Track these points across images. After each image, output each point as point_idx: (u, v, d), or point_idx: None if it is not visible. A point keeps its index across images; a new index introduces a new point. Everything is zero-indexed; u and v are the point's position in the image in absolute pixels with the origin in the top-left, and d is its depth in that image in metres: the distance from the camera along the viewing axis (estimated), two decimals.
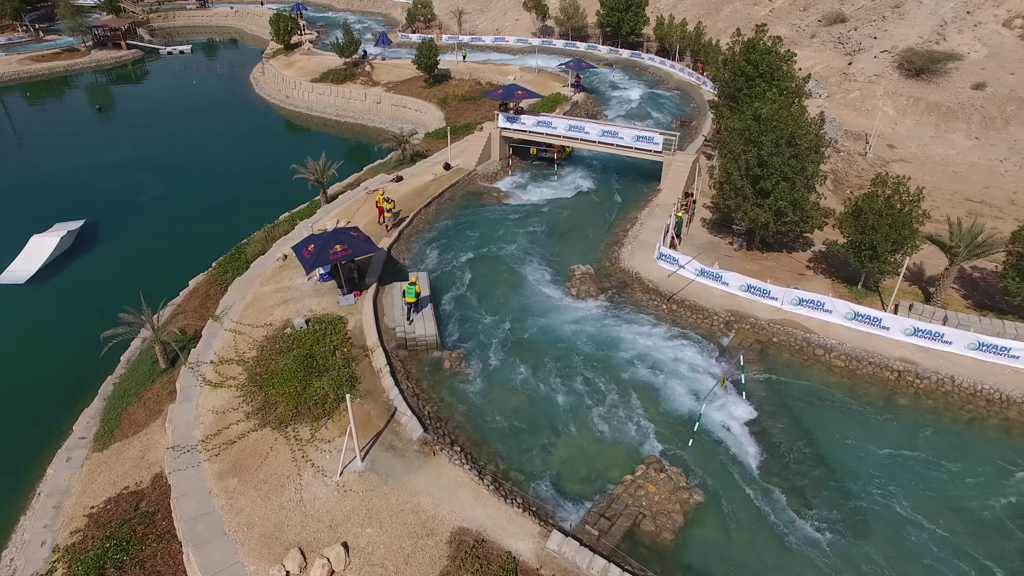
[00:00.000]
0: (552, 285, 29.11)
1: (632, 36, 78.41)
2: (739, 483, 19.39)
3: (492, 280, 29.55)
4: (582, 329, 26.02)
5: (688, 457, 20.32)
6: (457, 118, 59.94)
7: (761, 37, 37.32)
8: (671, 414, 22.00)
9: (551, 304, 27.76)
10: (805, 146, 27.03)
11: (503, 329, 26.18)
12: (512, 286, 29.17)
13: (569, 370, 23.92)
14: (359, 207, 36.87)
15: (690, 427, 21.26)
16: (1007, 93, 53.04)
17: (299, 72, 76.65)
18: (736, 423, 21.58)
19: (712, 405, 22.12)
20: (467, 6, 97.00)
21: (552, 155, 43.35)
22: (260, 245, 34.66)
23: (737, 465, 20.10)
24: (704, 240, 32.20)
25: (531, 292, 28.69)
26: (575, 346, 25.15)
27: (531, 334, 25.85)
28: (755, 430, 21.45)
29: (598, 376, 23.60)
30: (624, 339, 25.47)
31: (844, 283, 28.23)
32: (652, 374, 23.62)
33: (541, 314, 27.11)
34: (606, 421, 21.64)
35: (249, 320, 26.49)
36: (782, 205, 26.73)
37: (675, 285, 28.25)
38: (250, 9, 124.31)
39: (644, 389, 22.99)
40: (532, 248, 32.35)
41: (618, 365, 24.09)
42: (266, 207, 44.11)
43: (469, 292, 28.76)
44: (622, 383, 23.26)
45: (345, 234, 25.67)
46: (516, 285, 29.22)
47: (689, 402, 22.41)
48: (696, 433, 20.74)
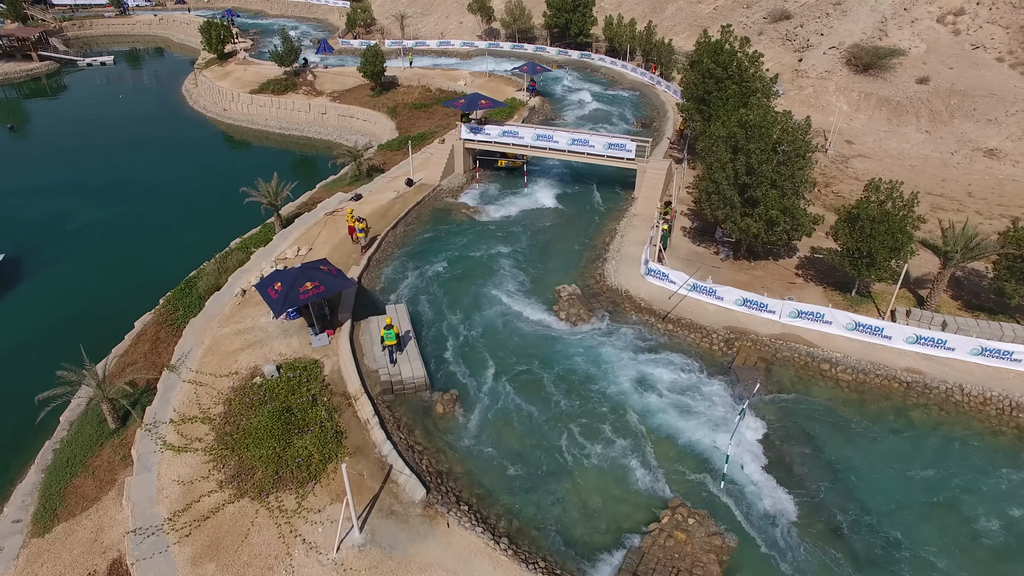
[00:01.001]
0: (539, 309, 27.37)
1: (580, 37, 77.50)
2: (768, 521, 18.16)
3: (475, 307, 27.60)
4: (578, 358, 24.39)
5: (711, 496, 18.96)
6: (410, 127, 57.61)
7: (727, 38, 36.61)
8: (685, 449, 20.64)
9: (542, 332, 26.02)
10: (794, 152, 26.21)
11: (494, 363, 24.28)
12: (497, 312, 27.29)
13: (571, 406, 22.26)
14: (320, 231, 34.25)
15: (707, 462, 20.01)
16: (949, 87, 54.40)
17: (236, 83, 72.54)
18: (752, 452, 20.38)
19: (724, 432, 20.86)
20: (408, 9, 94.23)
21: (523, 163, 41.65)
22: (213, 278, 31.68)
23: (762, 500, 18.88)
24: (688, 251, 31.12)
25: (518, 318, 26.87)
26: (574, 378, 23.49)
27: (525, 366, 24.06)
28: (772, 458, 20.32)
29: (602, 410, 22.03)
30: (623, 367, 23.96)
31: (837, 290, 27.60)
32: (659, 405, 22.19)
33: (533, 343, 25.34)
34: (618, 461, 20.09)
35: (211, 368, 23.77)
36: (773, 214, 25.80)
37: (668, 302, 26.99)
38: (176, 16, 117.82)
39: (653, 423, 21.54)
40: (511, 268, 30.54)
41: (622, 397, 22.56)
42: (214, 232, 40.90)
43: (452, 321, 26.73)
44: (629, 417, 21.75)
45: (314, 269, 23.28)
46: (501, 311, 27.35)
47: (702, 434, 21.09)
48: (725, 474, 19.31)
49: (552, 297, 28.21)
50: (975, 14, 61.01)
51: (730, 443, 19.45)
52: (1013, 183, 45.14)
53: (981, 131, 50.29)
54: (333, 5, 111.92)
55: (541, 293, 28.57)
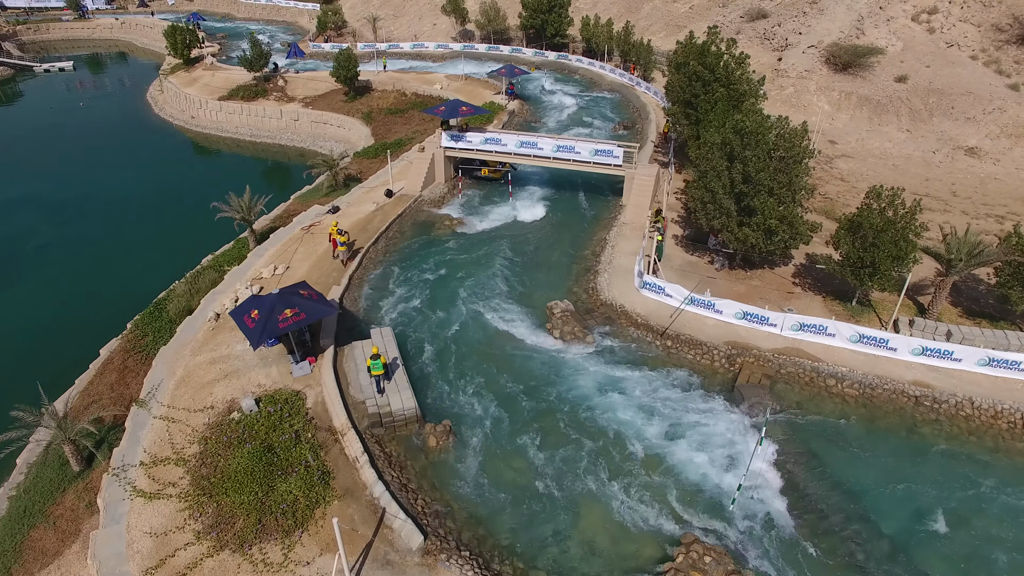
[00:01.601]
0: (531, 328, 26.14)
1: (557, 38, 76.47)
2: (787, 556, 17.18)
3: (465, 327, 26.27)
4: (575, 381, 23.20)
5: (724, 529, 17.93)
6: (386, 134, 56.00)
7: (713, 40, 35.79)
8: (694, 479, 19.58)
9: (535, 352, 24.77)
10: (791, 159, 25.38)
11: (488, 388, 22.98)
12: (487, 332, 26.00)
13: (571, 434, 21.04)
14: (296, 247, 32.61)
15: (718, 492, 19.00)
16: (927, 85, 54.43)
17: (204, 89, 70.17)
18: (763, 477, 19.43)
19: (733, 459, 19.89)
20: (380, 11, 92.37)
21: (506, 172, 40.30)
22: (184, 300, 29.90)
23: (778, 531, 17.91)
24: (681, 260, 30.16)
25: (510, 339, 25.59)
26: (572, 404, 22.27)
27: (521, 392, 22.78)
28: (785, 483, 19.40)
29: (604, 439, 20.83)
30: (623, 389, 22.81)
31: (836, 299, 26.84)
32: (663, 431, 21.07)
33: (527, 366, 24.07)
34: (624, 494, 18.97)
35: (184, 403, 22.13)
36: (772, 223, 24.93)
37: (665, 317, 25.97)
38: (139, 20, 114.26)
39: (658, 451, 20.41)
40: (500, 283, 29.26)
41: (624, 423, 21.39)
42: (184, 249, 38.98)
43: (441, 344, 25.36)
44: (632, 446, 20.61)
45: (293, 294, 21.77)
46: (492, 331, 26.05)
47: (710, 462, 20.05)
48: (735, 499, 18.32)
49: (544, 314, 27.01)
50: (948, 12, 61.32)
51: (745, 474, 18.43)
52: (995, 181, 45.16)
53: (960, 129, 50.33)
54: (303, 7, 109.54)
55: (533, 310, 27.35)
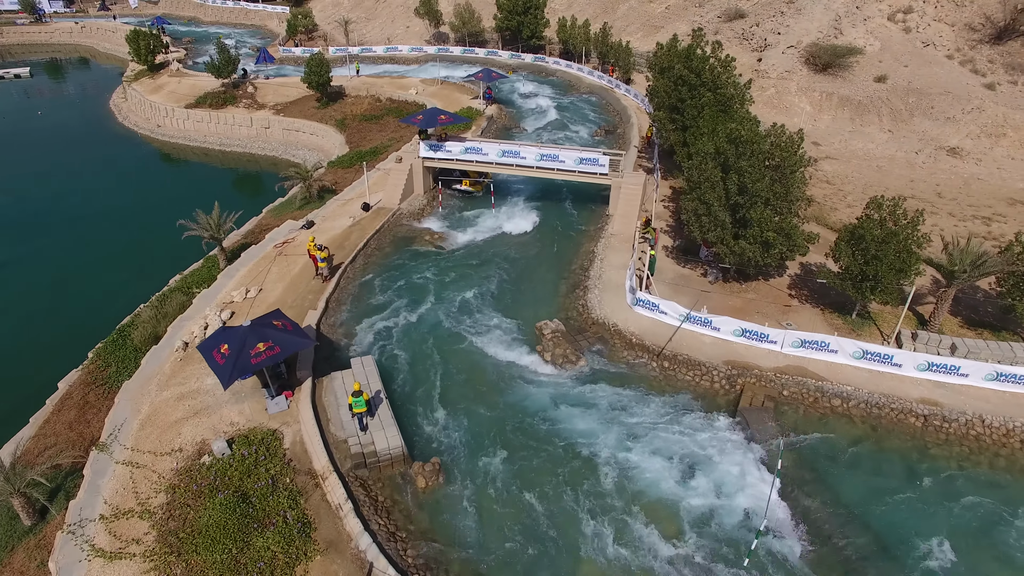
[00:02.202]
0: (521, 350, 24.80)
1: (533, 39, 75.26)
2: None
3: (450, 352, 24.84)
4: (570, 412, 21.84)
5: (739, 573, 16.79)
6: (361, 141, 54.32)
7: (698, 43, 34.82)
8: (704, 520, 18.34)
9: (526, 378, 23.43)
10: (788, 168, 24.42)
11: (478, 420, 21.58)
12: (475, 357, 24.59)
13: (568, 472, 19.68)
14: (269, 266, 30.89)
15: (730, 534, 17.84)
16: (906, 85, 54.26)
17: (170, 97, 67.69)
18: (772, 510, 18.30)
19: (743, 493, 18.78)
20: (352, 14, 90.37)
21: (487, 183, 38.89)
22: (150, 326, 28.08)
23: (791, 569, 16.80)
24: (674, 273, 29.07)
25: (499, 363, 24.22)
26: (567, 436, 20.90)
27: (513, 424, 21.39)
28: (797, 517, 18.35)
29: (605, 477, 19.45)
30: (620, 418, 21.50)
31: (835, 312, 25.94)
32: (664, 468, 19.67)
33: (518, 395, 22.68)
34: (629, 540, 17.70)
35: (149, 445, 20.42)
36: (769, 236, 23.92)
37: (660, 335, 24.84)
38: (101, 24, 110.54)
39: (661, 491, 19.05)
40: (486, 301, 27.89)
41: (624, 458, 19.99)
42: (150, 268, 37.08)
43: (426, 372, 23.88)
44: (632, 483, 19.27)
45: (266, 326, 20.17)
46: (480, 355, 24.66)
47: (717, 500, 18.82)
48: (752, 551, 17.13)
49: (534, 334, 25.71)
50: (923, 12, 61.37)
51: (764, 522, 17.24)
52: (978, 182, 44.94)
53: (941, 129, 50.14)
54: (272, 11, 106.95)
55: (521, 330, 26.02)
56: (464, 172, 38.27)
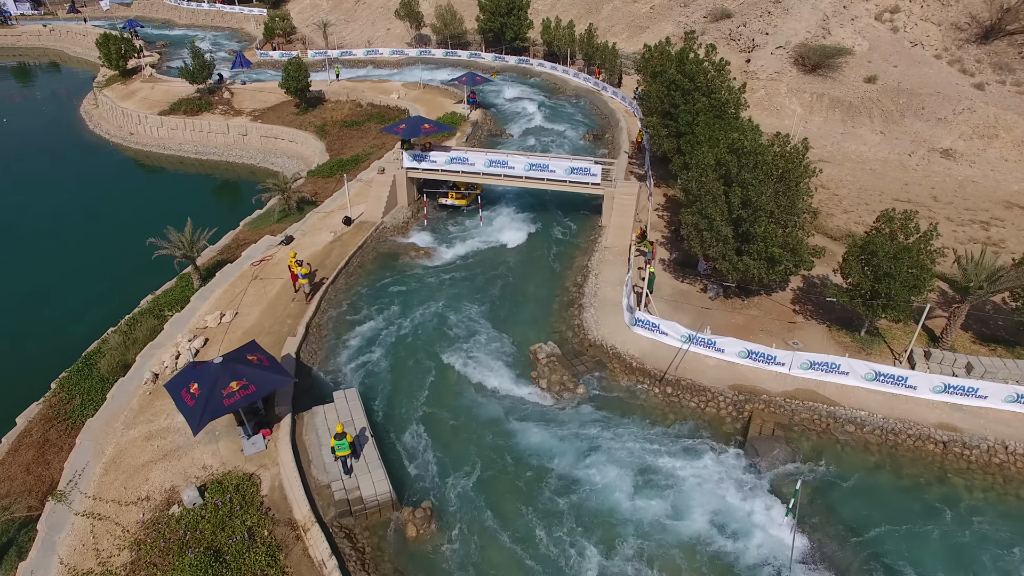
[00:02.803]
0: (515, 377, 23.34)
1: (517, 41, 73.75)
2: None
3: (440, 381, 23.31)
4: (569, 446, 20.38)
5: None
6: (342, 149, 52.50)
7: (691, 46, 33.57)
8: (722, 569, 16.99)
9: (522, 410, 21.95)
10: (793, 179, 23.20)
11: (470, 458, 20.08)
12: (466, 386, 23.10)
13: (572, 515, 18.28)
14: (245, 286, 29.15)
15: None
16: (896, 85, 53.55)
17: (143, 103, 65.38)
18: (788, 552, 17.04)
19: (758, 535, 17.48)
20: (331, 16, 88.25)
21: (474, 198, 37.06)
22: (119, 354, 26.29)
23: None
24: (672, 289, 27.77)
25: (492, 393, 22.73)
26: (568, 473, 19.52)
27: (509, 462, 19.93)
28: (811, 553, 17.08)
29: (607, 522, 18.09)
30: (623, 453, 20.09)
31: (843, 329, 24.78)
32: (673, 509, 18.30)
33: (513, 428, 21.18)
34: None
35: (113, 493, 18.74)
36: (775, 251, 22.68)
37: (661, 358, 23.52)
38: (71, 27, 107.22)
39: (670, 536, 17.73)
40: (476, 322, 26.39)
41: (627, 500, 18.63)
42: (121, 287, 35.23)
43: (414, 405, 22.32)
44: (639, 527, 17.91)
45: (240, 362, 18.54)
46: (471, 384, 23.16)
47: (732, 546, 17.47)
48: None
49: (528, 359, 24.27)
50: (909, 11, 60.86)
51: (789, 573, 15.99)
52: (973, 184, 44.21)
53: (933, 131, 49.41)
54: (248, 13, 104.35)
55: (515, 355, 24.57)
56: (450, 183, 36.68)
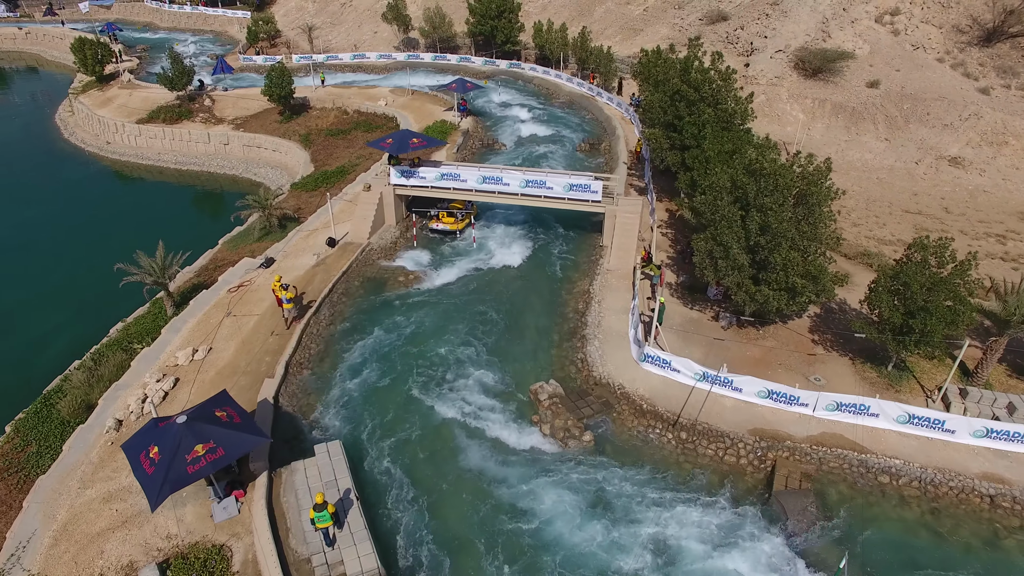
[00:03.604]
0: (515, 422, 21.30)
1: (508, 45, 71.72)
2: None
3: (432, 428, 21.22)
4: (577, 505, 18.39)
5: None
6: (327, 159, 50.26)
7: (696, 53, 31.68)
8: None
9: (525, 461, 19.89)
10: (814, 202, 21.32)
11: (469, 523, 18.06)
12: (462, 433, 21.00)
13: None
14: (221, 317, 26.94)
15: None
16: (899, 90, 51.98)
17: (120, 111, 62.85)
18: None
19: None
20: (316, 19, 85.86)
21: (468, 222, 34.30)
22: (82, 393, 24.12)
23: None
24: (681, 317, 25.81)
25: (491, 442, 20.64)
26: (576, 543, 17.51)
27: (510, 525, 17.89)
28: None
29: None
30: (636, 513, 18.13)
31: (867, 362, 22.91)
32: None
33: (516, 483, 19.10)
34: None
35: (62, 570, 16.63)
36: (796, 281, 20.78)
37: (674, 398, 21.57)
38: (48, 30, 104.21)
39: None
40: (471, 358, 24.32)
41: (653, 568, 16.74)
42: (90, 312, 33.08)
43: (403, 458, 20.18)
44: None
45: (208, 419, 16.41)
46: (467, 430, 21.09)
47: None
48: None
49: (528, 399, 22.24)
50: (910, 14, 59.36)
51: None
52: (984, 194, 42.65)
53: (939, 137, 47.81)
54: (232, 16, 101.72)
55: (513, 394, 22.53)
56: (443, 202, 34.38)
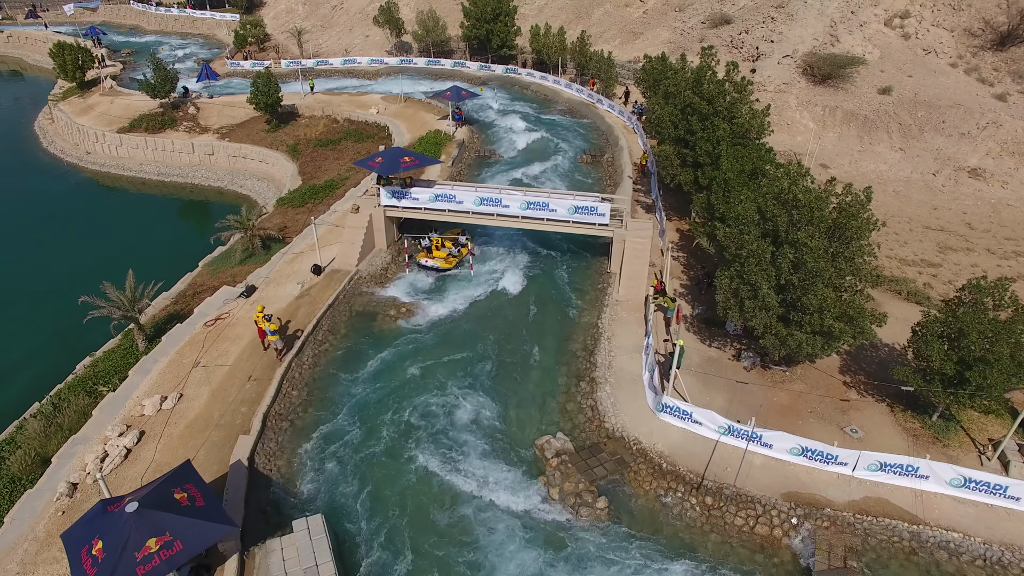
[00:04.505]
0: (520, 484, 18.98)
1: (504, 49, 69.42)
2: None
3: (425, 494, 18.80)
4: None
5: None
6: (315, 171, 47.85)
7: (709, 64, 29.43)
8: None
9: (531, 534, 17.55)
10: (852, 234, 19.07)
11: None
12: (459, 500, 18.59)
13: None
14: (195, 356, 24.52)
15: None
16: (912, 97, 49.90)
17: (100, 119, 60.30)
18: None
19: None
20: (306, 23, 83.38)
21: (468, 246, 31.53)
22: (37, 445, 21.85)
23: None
24: (699, 356, 23.50)
25: (493, 509, 18.29)
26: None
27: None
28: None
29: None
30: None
31: (909, 410, 20.65)
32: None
33: (522, 562, 16.80)
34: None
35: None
36: (834, 326, 18.53)
37: (696, 456, 19.30)
38: (30, 33, 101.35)
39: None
40: (469, 406, 21.88)
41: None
42: (56, 345, 30.74)
43: (394, 533, 17.78)
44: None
45: (164, 504, 14.03)
46: (465, 496, 18.66)
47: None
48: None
49: (533, 456, 19.91)
50: (920, 17, 57.39)
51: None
52: (1009, 208, 40.57)
53: (957, 147, 45.74)
54: (220, 19, 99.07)
55: (517, 450, 20.21)
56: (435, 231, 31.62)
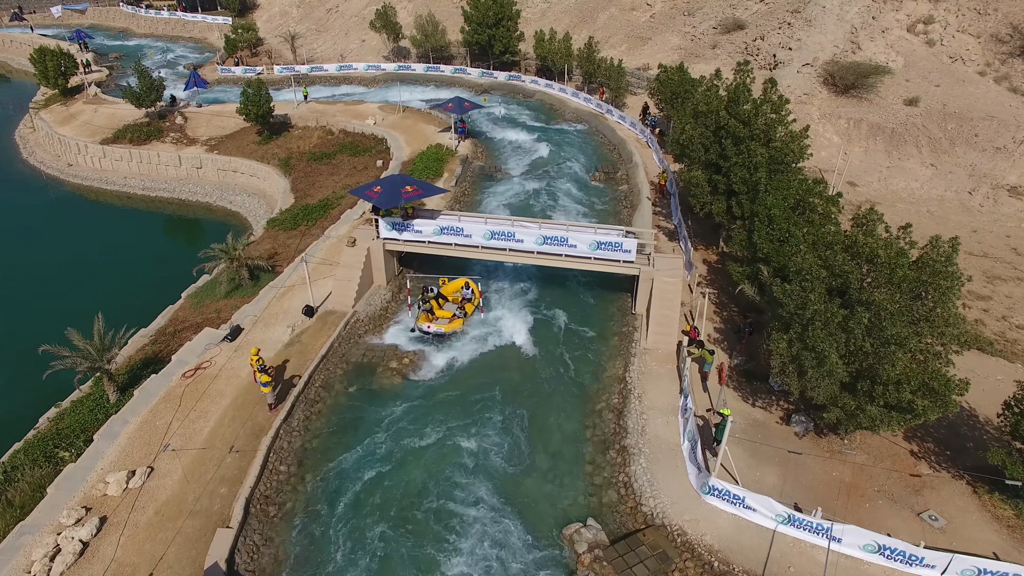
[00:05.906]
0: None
1: (506, 55, 66.47)
2: None
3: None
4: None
5: None
6: (308, 188, 44.90)
7: (745, 80, 26.59)
8: None
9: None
10: (938, 295, 16.21)
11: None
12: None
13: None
14: (170, 419, 21.56)
15: None
16: (941, 108, 47.16)
17: (83, 129, 57.24)
18: None
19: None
20: (300, 27, 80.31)
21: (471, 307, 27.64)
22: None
23: None
24: (742, 418, 20.58)
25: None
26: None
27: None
28: None
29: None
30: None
31: (993, 491, 17.82)
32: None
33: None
34: None
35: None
36: (917, 403, 15.68)
37: (752, 550, 16.47)
38: (15, 36, 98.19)
39: None
40: (482, 484, 18.85)
41: None
42: (18, 392, 27.92)
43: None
44: None
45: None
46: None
47: None
48: None
49: (560, 549, 17.03)
50: (944, 22, 54.67)
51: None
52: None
53: (992, 162, 42.99)
54: (212, 22, 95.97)
55: (540, 541, 17.31)
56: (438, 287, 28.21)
